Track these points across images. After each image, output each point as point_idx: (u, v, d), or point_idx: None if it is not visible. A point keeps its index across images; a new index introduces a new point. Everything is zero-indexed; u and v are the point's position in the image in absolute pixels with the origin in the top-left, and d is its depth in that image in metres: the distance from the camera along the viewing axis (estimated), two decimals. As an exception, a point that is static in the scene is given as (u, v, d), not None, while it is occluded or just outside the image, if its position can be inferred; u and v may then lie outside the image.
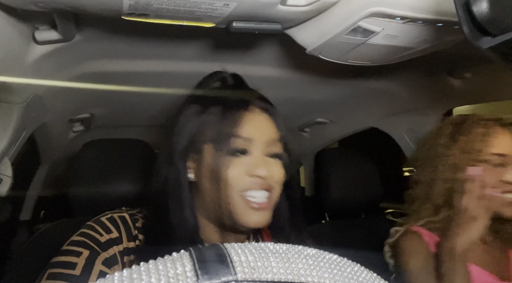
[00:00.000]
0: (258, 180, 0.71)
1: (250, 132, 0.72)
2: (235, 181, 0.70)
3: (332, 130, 1.81)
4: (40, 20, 0.81)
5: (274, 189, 0.74)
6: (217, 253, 0.23)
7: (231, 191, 0.71)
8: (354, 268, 0.25)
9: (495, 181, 0.97)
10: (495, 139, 1.00)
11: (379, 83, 1.35)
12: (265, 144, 0.73)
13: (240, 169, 0.71)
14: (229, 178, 0.70)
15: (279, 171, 0.75)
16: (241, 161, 0.72)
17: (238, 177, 0.71)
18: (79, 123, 1.49)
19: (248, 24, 0.73)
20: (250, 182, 0.71)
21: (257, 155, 0.73)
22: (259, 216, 0.72)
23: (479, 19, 0.34)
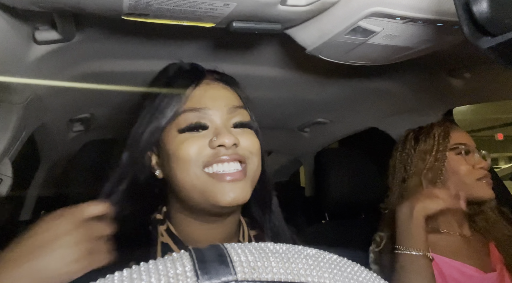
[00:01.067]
0: (224, 151, 0.62)
1: (203, 103, 0.65)
2: (196, 156, 0.62)
3: (332, 130, 1.81)
4: (40, 20, 0.81)
5: (249, 160, 0.65)
6: (217, 253, 0.23)
7: (195, 169, 0.62)
8: (354, 268, 0.25)
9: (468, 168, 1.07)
10: (453, 134, 1.12)
11: (379, 83, 1.35)
12: (225, 113, 0.66)
13: (201, 143, 0.63)
14: (190, 154, 0.62)
15: (250, 139, 0.66)
16: (200, 135, 0.64)
17: (199, 151, 0.62)
18: (79, 123, 1.49)
19: (248, 24, 0.73)
20: (214, 154, 0.62)
21: (219, 126, 0.64)
22: (233, 189, 0.61)
23: (479, 19, 0.34)
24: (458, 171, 1.08)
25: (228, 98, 0.68)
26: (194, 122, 0.64)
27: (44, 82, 0.98)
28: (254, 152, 0.66)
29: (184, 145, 0.63)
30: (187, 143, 0.63)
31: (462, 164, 1.08)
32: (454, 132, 1.13)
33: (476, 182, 1.06)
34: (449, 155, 1.10)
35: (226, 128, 0.64)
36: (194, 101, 0.65)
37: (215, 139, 0.62)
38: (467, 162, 1.08)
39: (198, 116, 0.65)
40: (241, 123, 0.67)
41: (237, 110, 0.68)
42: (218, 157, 0.62)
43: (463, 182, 1.07)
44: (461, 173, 1.08)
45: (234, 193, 0.61)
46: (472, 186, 1.06)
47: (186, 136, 0.64)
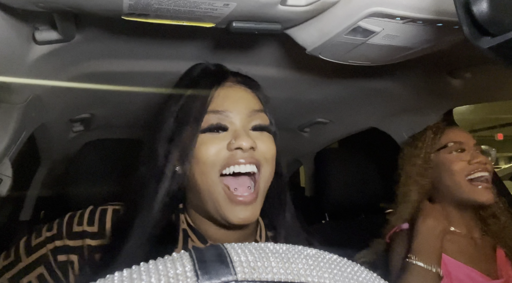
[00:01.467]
0: (241, 154, 0.64)
1: (225, 105, 0.66)
2: (215, 159, 0.63)
3: (332, 130, 1.81)
4: (40, 20, 0.81)
5: (263, 167, 0.67)
6: (217, 253, 0.23)
7: (212, 174, 0.64)
8: (354, 268, 0.25)
9: (461, 165, 1.04)
10: (447, 132, 1.10)
11: (379, 83, 1.35)
12: (245, 116, 0.67)
13: (220, 145, 0.64)
14: (209, 156, 0.63)
15: (267, 144, 0.67)
16: (220, 136, 0.65)
17: (217, 153, 0.64)
18: (79, 123, 1.49)
19: (248, 24, 0.73)
20: (232, 156, 0.64)
21: (238, 128, 0.66)
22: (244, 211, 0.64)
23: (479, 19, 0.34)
24: (450, 170, 1.05)
25: (248, 101, 0.69)
26: (215, 123, 0.66)
27: (44, 82, 0.98)
28: (269, 158, 0.68)
29: (204, 146, 0.64)
30: (207, 144, 0.64)
31: (454, 162, 1.05)
32: (447, 131, 1.11)
33: (468, 183, 1.02)
34: (441, 155, 1.08)
35: (245, 131, 0.66)
36: (216, 103, 0.66)
37: (233, 142, 0.64)
38: (461, 159, 1.05)
39: (219, 118, 0.66)
40: (260, 126, 0.69)
41: (257, 114, 0.69)
42: (235, 159, 0.64)
43: (455, 182, 1.04)
44: (452, 171, 1.05)
45: (244, 214, 0.64)
46: (464, 187, 1.03)
47: (207, 137, 0.65)
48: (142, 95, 1.29)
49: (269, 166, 0.68)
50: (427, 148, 1.11)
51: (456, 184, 1.03)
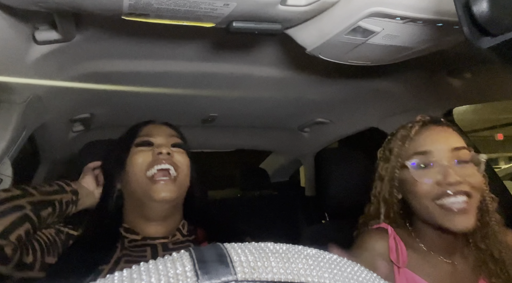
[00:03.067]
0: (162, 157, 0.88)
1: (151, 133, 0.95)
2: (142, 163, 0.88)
3: (332, 130, 1.81)
4: (40, 20, 0.81)
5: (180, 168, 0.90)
6: (217, 253, 0.23)
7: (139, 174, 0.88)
8: (354, 268, 0.25)
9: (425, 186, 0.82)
10: (417, 138, 0.87)
11: (379, 83, 1.35)
12: (166, 137, 0.94)
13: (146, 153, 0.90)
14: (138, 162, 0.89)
15: (181, 156, 0.92)
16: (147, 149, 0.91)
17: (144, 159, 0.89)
18: (79, 123, 1.49)
19: (248, 24, 0.73)
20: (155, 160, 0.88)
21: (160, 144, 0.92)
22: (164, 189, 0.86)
23: (479, 19, 0.34)
24: (414, 192, 0.84)
25: (167, 131, 0.97)
26: (144, 141, 0.93)
27: (44, 82, 0.98)
28: (183, 163, 0.92)
29: (136, 155, 0.90)
30: (139, 153, 0.90)
31: (417, 183, 0.83)
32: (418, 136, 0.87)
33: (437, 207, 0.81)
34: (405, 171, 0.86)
35: (166, 145, 0.92)
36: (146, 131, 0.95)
37: (156, 149, 0.90)
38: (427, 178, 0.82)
39: (147, 138, 0.94)
40: (176, 144, 0.95)
41: (173, 137, 0.96)
42: (158, 161, 0.88)
43: (422, 206, 0.83)
44: (416, 193, 0.83)
45: (164, 192, 0.86)
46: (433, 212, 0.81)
47: (139, 149, 0.91)
48: (142, 95, 1.29)
49: (185, 168, 0.92)
50: (392, 162, 0.89)
51: (424, 208, 0.83)
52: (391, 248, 0.88)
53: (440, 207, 0.80)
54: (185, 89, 1.27)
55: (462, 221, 0.79)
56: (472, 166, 0.83)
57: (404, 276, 0.88)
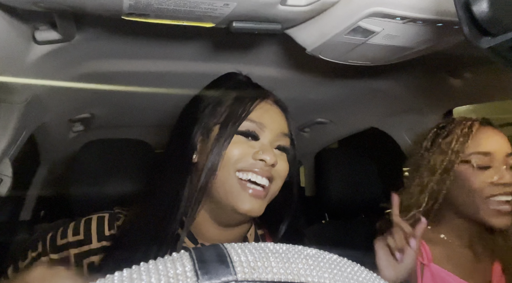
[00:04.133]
0: (261, 165, 0.71)
1: (263, 119, 0.74)
2: (237, 159, 0.70)
3: (332, 130, 1.81)
4: (40, 20, 0.81)
5: (275, 181, 0.74)
6: (217, 253, 0.23)
7: (230, 169, 0.70)
8: (354, 268, 0.25)
9: (481, 184, 0.90)
10: (476, 138, 0.93)
11: (379, 83, 1.35)
12: (275, 135, 0.75)
13: (247, 150, 0.71)
14: (232, 155, 0.70)
15: (284, 164, 0.75)
16: (250, 143, 0.73)
17: (241, 156, 0.71)
18: (79, 123, 1.49)
19: (248, 24, 0.73)
20: (252, 165, 0.71)
21: (266, 143, 0.74)
22: (254, 203, 0.70)
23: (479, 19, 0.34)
24: (469, 187, 0.91)
25: (282, 123, 0.77)
26: (251, 131, 0.73)
27: (44, 82, 0.98)
28: (282, 175, 0.75)
29: (234, 145, 0.71)
30: (237, 145, 0.71)
31: (475, 180, 0.90)
32: (478, 135, 0.94)
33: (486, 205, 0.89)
34: (462, 167, 0.92)
35: (271, 148, 0.74)
36: (257, 114, 0.74)
37: (261, 153, 0.71)
38: (484, 177, 0.90)
39: (255, 128, 0.73)
40: (283, 148, 0.76)
41: (284, 137, 0.77)
42: (255, 168, 0.71)
43: (472, 201, 0.91)
44: (471, 189, 0.91)
45: (252, 205, 0.70)
46: (481, 208, 0.90)
47: (239, 139, 0.72)
48: (142, 95, 1.29)
49: (280, 181, 0.75)
50: (451, 156, 0.94)
51: (473, 203, 0.91)
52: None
53: (489, 205, 0.89)
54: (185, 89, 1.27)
55: (504, 221, 0.89)
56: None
57: (429, 270, 0.94)
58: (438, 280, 0.93)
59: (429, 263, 0.94)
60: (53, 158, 1.56)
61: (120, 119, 1.57)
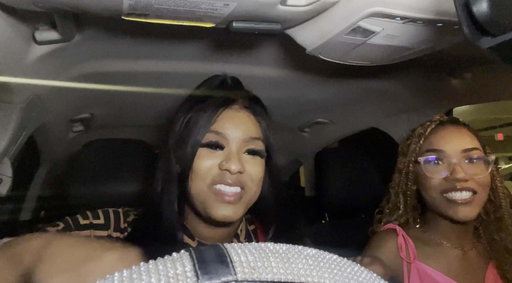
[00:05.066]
0: (229, 175, 0.72)
1: (226, 128, 0.74)
2: (205, 173, 0.72)
3: (332, 130, 1.81)
4: (40, 20, 0.81)
5: (248, 187, 0.75)
6: (217, 253, 0.23)
7: (201, 182, 0.73)
8: (354, 268, 0.25)
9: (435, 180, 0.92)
10: (430, 136, 0.96)
11: (379, 83, 1.35)
12: (242, 141, 0.74)
13: (212, 162, 0.73)
14: (200, 169, 0.72)
15: (255, 167, 0.75)
16: (215, 154, 0.73)
17: (208, 169, 0.72)
18: (79, 123, 1.49)
19: (248, 24, 0.73)
20: (220, 175, 0.72)
21: (232, 151, 0.73)
22: (227, 209, 0.72)
23: (479, 19, 0.34)
24: (424, 184, 0.95)
25: (249, 127, 0.76)
26: (214, 141, 0.74)
27: (44, 82, 0.97)
28: (255, 180, 0.75)
29: (199, 160, 0.73)
30: (203, 159, 0.73)
31: (428, 177, 0.93)
32: (433, 134, 0.96)
33: (443, 199, 0.91)
34: (418, 166, 0.96)
35: (238, 154, 0.73)
36: (219, 124, 0.74)
37: (224, 163, 0.72)
38: (437, 173, 0.92)
39: (218, 138, 0.74)
40: (253, 151, 0.76)
41: (253, 141, 0.76)
42: (223, 179, 0.72)
43: (430, 197, 0.94)
44: (426, 186, 0.94)
45: (227, 212, 0.72)
46: (439, 203, 0.92)
47: (204, 152, 0.73)
48: (142, 95, 1.29)
49: (255, 186, 0.76)
50: (410, 155, 0.99)
51: (431, 198, 0.94)
52: (400, 245, 0.97)
53: (446, 199, 0.91)
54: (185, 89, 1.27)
55: (464, 211, 0.89)
56: (481, 165, 0.93)
57: (415, 268, 0.96)
58: (424, 277, 0.94)
59: (414, 260, 0.95)
60: (53, 158, 1.56)
61: (120, 119, 1.57)
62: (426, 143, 0.97)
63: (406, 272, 0.95)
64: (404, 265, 0.96)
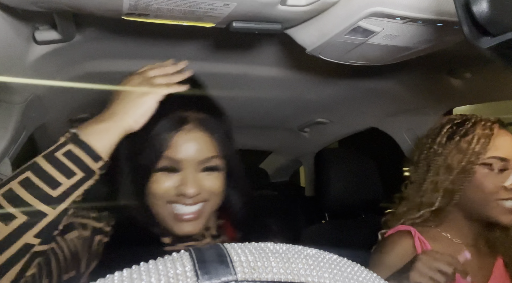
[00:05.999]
0: (187, 199, 0.72)
1: (179, 153, 0.72)
2: (162, 194, 0.72)
3: (332, 130, 1.81)
4: (40, 20, 0.81)
5: (209, 200, 0.75)
6: (217, 253, 0.23)
7: (159, 201, 0.73)
8: (354, 268, 0.25)
9: (495, 187, 0.92)
10: (496, 141, 0.94)
11: (379, 83, 1.35)
12: (197, 162, 0.72)
13: (169, 184, 0.72)
14: (156, 192, 0.72)
15: (212, 184, 0.74)
16: (171, 177, 0.72)
17: (165, 191, 0.72)
18: (79, 123, 1.49)
19: (248, 24, 0.73)
20: (177, 197, 0.72)
21: (187, 174, 0.72)
22: (188, 227, 0.73)
23: (479, 19, 0.34)
24: (482, 188, 0.93)
25: (203, 149, 0.73)
26: (168, 166, 0.72)
27: (44, 82, 0.98)
28: (216, 193, 0.75)
29: (155, 184, 0.72)
30: (159, 183, 0.72)
31: (489, 183, 0.92)
32: (497, 139, 0.94)
33: (496, 204, 0.92)
34: (479, 169, 0.93)
35: (193, 176, 0.72)
36: (172, 150, 0.72)
37: (181, 187, 0.71)
38: (498, 180, 0.92)
39: (172, 162, 0.72)
40: (210, 168, 0.74)
41: (208, 160, 0.74)
42: (182, 200, 0.72)
43: (484, 201, 0.93)
44: (484, 190, 0.93)
45: (187, 229, 0.73)
46: (492, 208, 0.93)
47: (159, 176, 0.72)
48: (142, 95, 1.28)
49: (217, 197, 0.76)
50: (471, 156, 0.94)
51: (484, 202, 0.93)
52: (417, 248, 0.96)
53: (499, 206, 0.92)
54: (185, 89, 1.27)
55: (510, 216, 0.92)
56: None
57: None
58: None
59: None
60: (53, 158, 1.55)
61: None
62: (492, 147, 0.94)
63: None
64: None
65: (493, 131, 0.95)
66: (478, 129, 0.96)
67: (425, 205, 0.98)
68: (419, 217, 0.98)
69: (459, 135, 0.97)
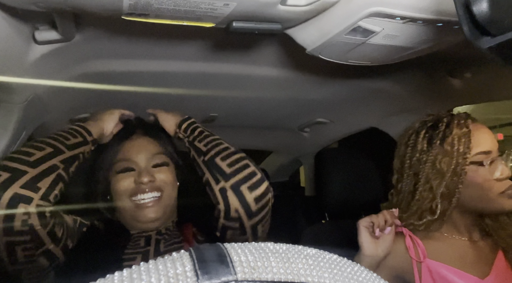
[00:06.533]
0: (144, 185, 0.90)
1: (131, 155, 0.94)
2: (124, 190, 0.91)
3: (332, 130, 1.81)
4: (40, 20, 0.81)
5: (165, 188, 0.93)
6: (217, 253, 0.23)
7: (123, 196, 0.92)
8: (354, 268, 0.25)
9: (487, 181, 0.92)
10: (476, 137, 0.93)
11: (379, 83, 1.35)
12: (147, 159, 0.94)
13: (128, 180, 0.92)
14: (119, 189, 0.92)
15: (164, 176, 0.94)
16: (129, 174, 0.93)
17: (127, 187, 0.91)
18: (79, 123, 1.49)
19: (248, 24, 0.73)
20: (137, 188, 0.91)
21: (141, 168, 0.93)
22: (149, 212, 0.90)
23: (479, 19, 0.34)
24: (480, 185, 0.92)
25: (151, 149, 0.96)
26: (125, 167, 0.94)
27: (44, 82, 0.98)
28: (168, 182, 0.95)
29: (118, 183, 0.93)
30: (120, 181, 0.93)
31: (484, 177, 0.92)
32: (475, 134, 0.93)
33: (499, 196, 0.92)
34: (469, 168, 0.92)
35: (147, 169, 0.93)
36: (124, 153, 0.95)
37: (137, 178, 0.91)
38: (489, 173, 0.92)
39: (127, 163, 0.94)
40: (158, 164, 0.95)
41: (155, 156, 0.96)
42: (140, 189, 0.91)
43: (485, 195, 0.92)
44: (483, 187, 0.92)
45: (150, 214, 0.91)
46: (494, 200, 0.92)
47: (120, 176, 0.93)
48: (142, 95, 1.29)
49: (170, 187, 0.95)
50: (458, 158, 0.92)
51: (487, 198, 0.93)
52: (408, 247, 0.97)
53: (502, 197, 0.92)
54: (185, 89, 1.27)
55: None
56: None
57: (426, 267, 0.96)
58: (436, 274, 0.94)
59: (424, 259, 0.95)
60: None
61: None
62: (474, 144, 0.93)
63: (417, 272, 0.95)
64: (414, 265, 0.95)
65: (469, 127, 0.94)
66: (454, 129, 0.95)
67: (425, 212, 0.96)
68: (422, 225, 0.96)
69: (438, 139, 0.96)
